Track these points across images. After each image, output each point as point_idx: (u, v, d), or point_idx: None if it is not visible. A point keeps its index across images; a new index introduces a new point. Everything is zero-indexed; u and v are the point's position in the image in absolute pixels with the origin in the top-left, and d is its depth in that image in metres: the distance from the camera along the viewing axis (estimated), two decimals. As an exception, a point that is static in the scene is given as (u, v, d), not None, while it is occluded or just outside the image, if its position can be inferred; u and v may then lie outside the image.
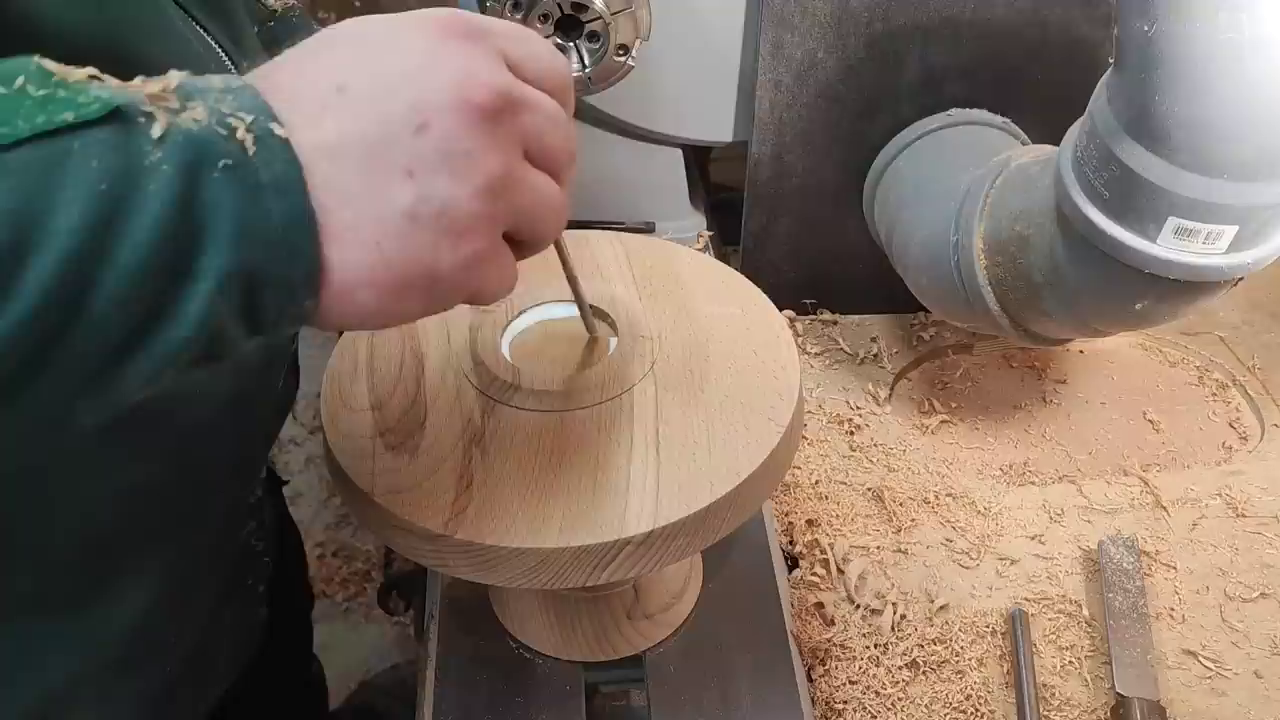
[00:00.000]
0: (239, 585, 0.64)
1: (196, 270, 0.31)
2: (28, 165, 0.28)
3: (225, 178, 0.31)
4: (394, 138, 0.35)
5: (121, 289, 0.30)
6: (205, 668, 0.62)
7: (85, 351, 0.30)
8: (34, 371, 0.30)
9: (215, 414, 0.53)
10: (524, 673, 0.62)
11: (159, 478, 0.51)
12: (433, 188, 0.35)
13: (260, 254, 0.32)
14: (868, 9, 0.79)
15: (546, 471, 0.50)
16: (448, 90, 0.35)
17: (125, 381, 0.32)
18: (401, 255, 0.35)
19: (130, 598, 0.52)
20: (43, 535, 0.48)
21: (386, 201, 0.35)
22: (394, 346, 0.58)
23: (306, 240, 0.33)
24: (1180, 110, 0.54)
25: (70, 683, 0.51)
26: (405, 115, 0.35)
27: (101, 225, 0.29)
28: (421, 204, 0.35)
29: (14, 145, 0.28)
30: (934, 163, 0.81)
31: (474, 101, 0.36)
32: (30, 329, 0.29)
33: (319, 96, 0.34)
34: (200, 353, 0.33)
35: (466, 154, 0.36)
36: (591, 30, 0.79)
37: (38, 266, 0.28)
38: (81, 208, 0.29)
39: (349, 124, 0.34)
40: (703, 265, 0.65)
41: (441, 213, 0.35)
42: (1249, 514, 0.74)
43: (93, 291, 0.30)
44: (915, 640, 0.65)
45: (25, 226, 0.28)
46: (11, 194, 0.28)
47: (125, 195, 0.30)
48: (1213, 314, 0.93)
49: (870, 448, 0.80)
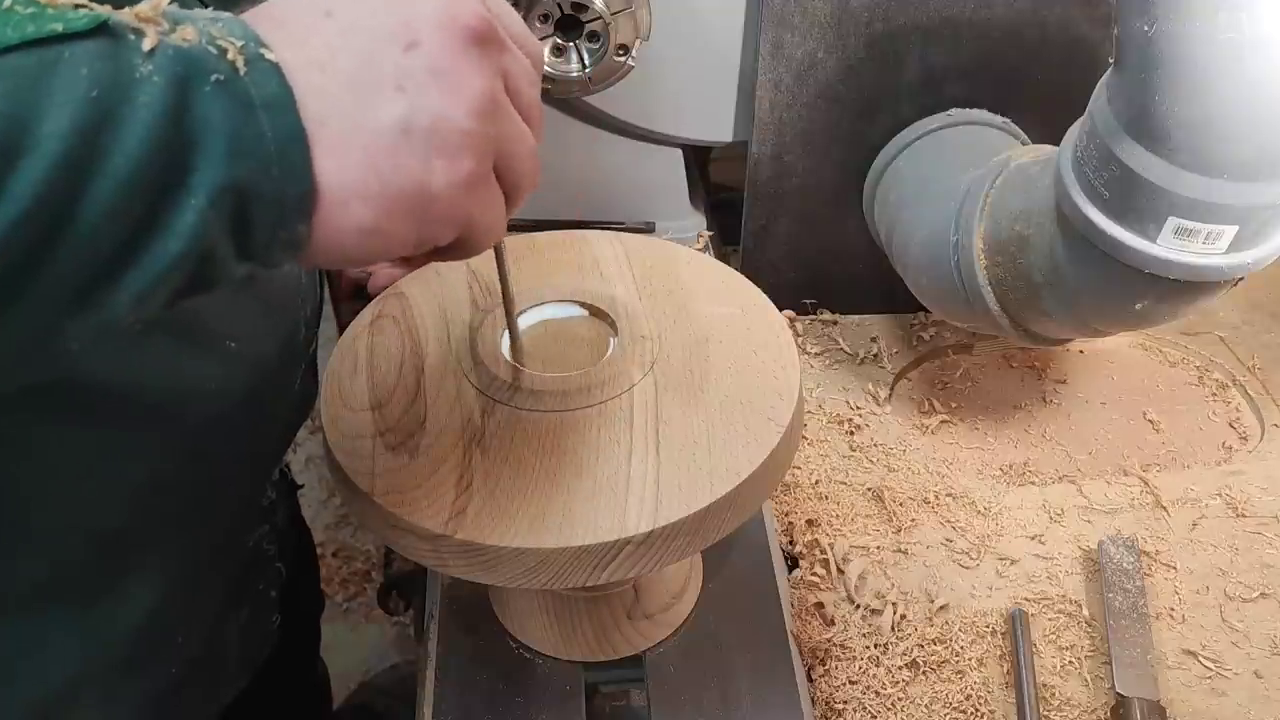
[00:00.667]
0: (249, 589, 0.64)
1: (188, 184, 0.31)
2: (16, 71, 0.28)
3: (216, 91, 0.31)
4: (383, 54, 0.35)
5: (112, 198, 0.30)
6: (214, 670, 0.62)
7: (75, 262, 0.30)
8: (22, 282, 0.30)
9: (229, 410, 0.53)
10: (524, 673, 0.62)
11: (171, 474, 0.51)
12: (424, 102, 0.35)
13: (253, 170, 0.32)
14: (868, 9, 0.79)
15: (546, 471, 0.50)
16: (437, 10, 0.36)
17: (115, 298, 0.32)
18: (394, 170, 0.35)
19: (137, 596, 0.52)
20: (54, 529, 0.48)
21: (378, 115, 0.35)
22: (394, 346, 0.58)
23: (301, 156, 0.33)
24: (1180, 110, 0.54)
25: (74, 680, 0.51)
26: (394, 32, 0.35)
27: (91, 132, 0.29)
28: (413, 118, 0.35)
29: (3, 52, 0.28)
30: (934, 163, 0.81)
31: (462, 21, 0.36)
32: (20, 232, 0.29)
33: (306, 21, 0.35)
34: (191, 271, 0.33)
35: (456, 71, 0.36)
36: (591, 30, 0.79)
37: (27, 170, 0.28)
38: (71, 113, 0.29)
39: (337, 41, 0.34)
40: (703, 265, 0.65)
41: (433, 128, 0.36)
42: (1249, 514, 0.74)
43: (82, 199, 0.29)
44: (915, 640, 0.65)
45: (14, 131, 0.28)
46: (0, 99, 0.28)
47: (115, 104, 0.30)
48: (1213, 314, 0.93)
49: (870, 448, 0.80)
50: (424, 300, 0.61)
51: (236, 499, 0.59)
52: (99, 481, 0.48)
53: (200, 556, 0.56)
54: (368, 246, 0.36)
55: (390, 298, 0.62)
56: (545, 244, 0.66)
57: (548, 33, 0.80)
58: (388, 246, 0.37)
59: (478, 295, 0.62)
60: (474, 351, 0.57)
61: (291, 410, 0.61)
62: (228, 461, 0.55)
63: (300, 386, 0.61)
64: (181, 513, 0.53)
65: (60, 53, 0.29)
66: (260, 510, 0.63)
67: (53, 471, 0.46)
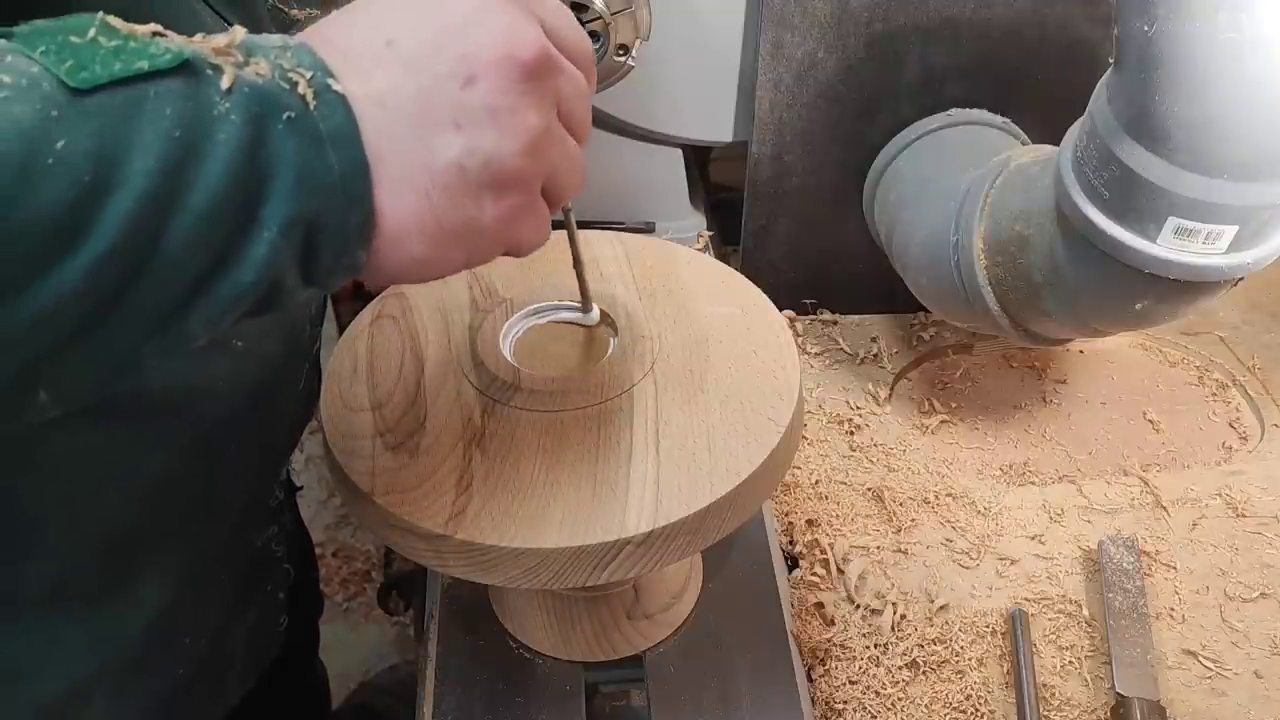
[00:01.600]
0: (258, 590, 0.64)
1: (261, 217, 0.33)
2: (107, 109, 0.30)
3: (289, 129, 0.33)
4: (442, 91, 0.36)
5: (192, 232, 0.31)
6: (222, 671, 0.62)
7: (156, 292, 0.31)
8: (107, 311, 0.31)
9: (237, 408, 0.53)
10: (524, 673, 0.62)
11: (180, 473, 0.51)
12: (480, 141, 0.36)
13: (320, 202, 0.34)
14: (868, 9, 0.79)
15: (546, 471, 0.50)
16: (495, 46, 0.36)
17: (189, 323, 0.33)
18: (449, 206, 0.36)
19: (148, 596, 0.53)
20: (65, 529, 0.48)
21: (436, 152, 0.36)
22: (394, 346, 0.58)
23: (364, 188, 0.35)
24: (1180, 110, 0.54)
25: (86, 681, 0.51)
26: (453, 68, 0.36)
27: (175, 169, 0.30)
28: (469, 156, 0.36)
29: (94, 90, 0.30)
30: (934, 163, 0.81)
31: (519, 58, 0.37)
32: (107, 266, 0.30)
33: (370, 51, 0.35)
34: (261, 297, 0.34)
35: (511, 110, 0.37)
36: (591, 30, 0.79)
37: (117, 205, 0.29)
38: (158, 151, 0.30)
39: (399, 76, 0.35)
40: (703, 265, 0.65)
41: (486, 166, 0.37)
42: (1249, 514, 0.74)
43: (166, 233, 0.31)
44: (915, 640, 0.65)
45: (105, 167, 0.29)
46: (93, 136, 0.29)
47: (197, 142, 0.31)
48: (1213, 314, 0.93)
49: (870, 448, 0.80)
50: (424, 300, 0.61)
51: (245, 498, 0.59)
52: (109, 481, 0.48)
53: (209, 557, 0.57)
54: (418, 273, 0.38)
55: (390, 298, 0.62)
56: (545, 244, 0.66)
57: (548, 33, 0.80)
58: (435, 271, 0.38)
59: (478, 296, 0.62)
60: (474, 351, 0.57)
61: (297, 408, 0.62)
62: (236, 460, 0.55)
63: (305, 385, 0.61)
64: (191, 513, 0.53)
65: (146, 91, 0.30)
66: (268, 510, 0.63)
67: (63, 472, 0.47)
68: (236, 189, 0.32)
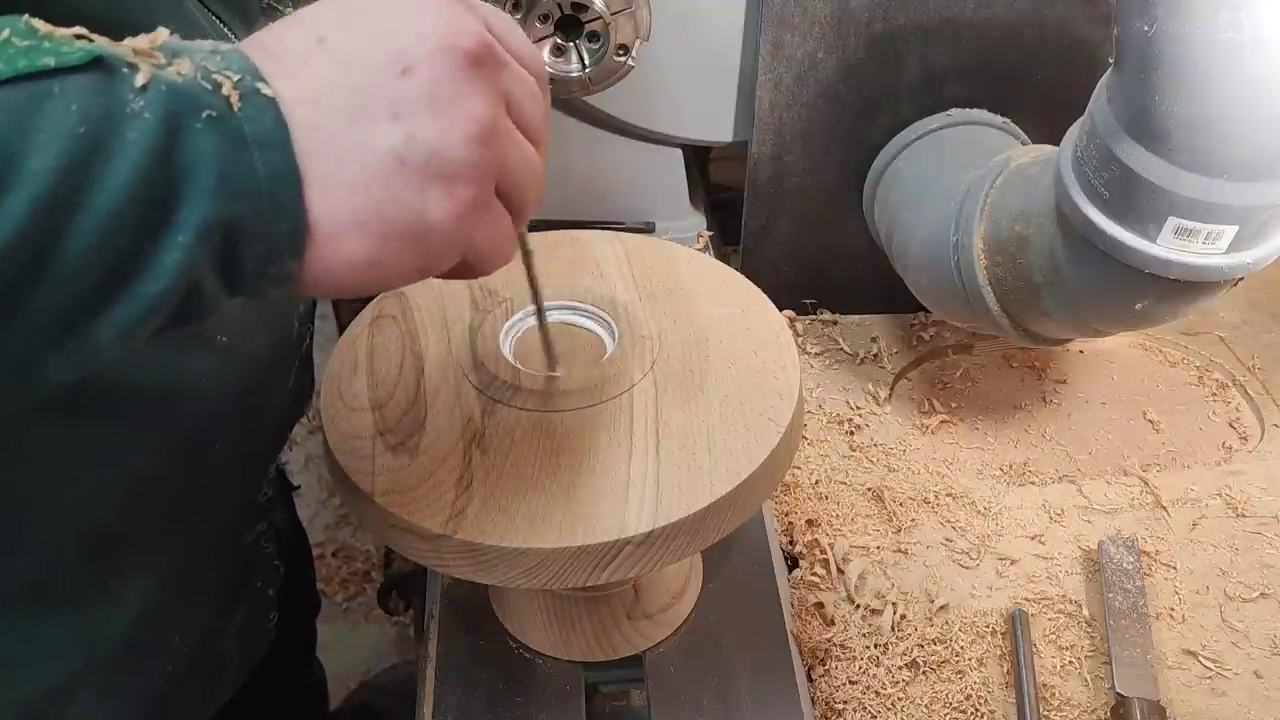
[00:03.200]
0: (247, 587, 0.64)
1: (175, 221, 0.31)
2: (5, 105, 0.28)
3: (208, 128, 0.31)
4: (377, 82, 0.34)
5: (95, 235, 0.30)
6: (212, 668, 0.61)
7: (57, 297, 0.30)
8: (3, 314, 0.29)
9: (222, 406, 0.53)
10: (524, 673, 0.62)
11: (163, 471, 0.51)
12: (419, 130, 0.35)
13: (242, 207, 0.32)
14: (868, 9, 0.79)
15: (546, 471, 0.50)
16: (432, 36, 0.35)
17: (98, 333, 0.32)
18: (389, 201, 0.35)
19: (132, 594, 0.52)
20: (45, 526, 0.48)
21: (371, 145, 0.34)
22: (394, 346, 0.58)
23: (292, 195, 0.33)
24: (1180, 110, 0.54)
25: (71, 678, 0.51)
26: (388, 59, 0.34)
27: (78, 168, 0.29)
28: (409, 148, 0.34)
29: None
30: (934, 163, 0.81)
31: (460, 46, 0.35)
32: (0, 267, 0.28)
33: (302, 50, 0.34)
34: (177, 306, 0.33)
35: (452, 98, 0.35)
36: (591, 30, 0.79)
37: (9, 205, 0.28)
38: (58, 149, 0.29)
39: (332, 72, 0.34)
40: (703, 265, 0.65)
41: (430, 157, 0.35)
42: (1249, 514, 0.74)
43: (65, 236, 0.29)
44: (915, 640, 0.65)
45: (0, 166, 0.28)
46: None
47: (104, 140, 0.29)
48: (1213, 314, 0.93)
49: (870, 448, 0.80)
50: (424, 300, 0.61)
51: (232, 496, 0.59)
52: (89, 478, 0.48)
53: (196, 554, 0.56)
54: (364, 278, 0.36)
55: (390, 298, 0.62)
56: (545, 244, 0.66)
57: (548, 33, 0.80)
58: (386, 277, 0.36)
59: (478, 295, 0.62)
60: (474, 351, 0.57)
61: (286, 407, 0.61)
62: (221, 458, 0.55)
63: (294, 383, 0.61)
64: (175, 510, 0.53)
65: (50, 88, 0.29)
66: (257, 508, 0.62)
67: (42, 468, 0.46)
68: (147, 189, 0.30)
